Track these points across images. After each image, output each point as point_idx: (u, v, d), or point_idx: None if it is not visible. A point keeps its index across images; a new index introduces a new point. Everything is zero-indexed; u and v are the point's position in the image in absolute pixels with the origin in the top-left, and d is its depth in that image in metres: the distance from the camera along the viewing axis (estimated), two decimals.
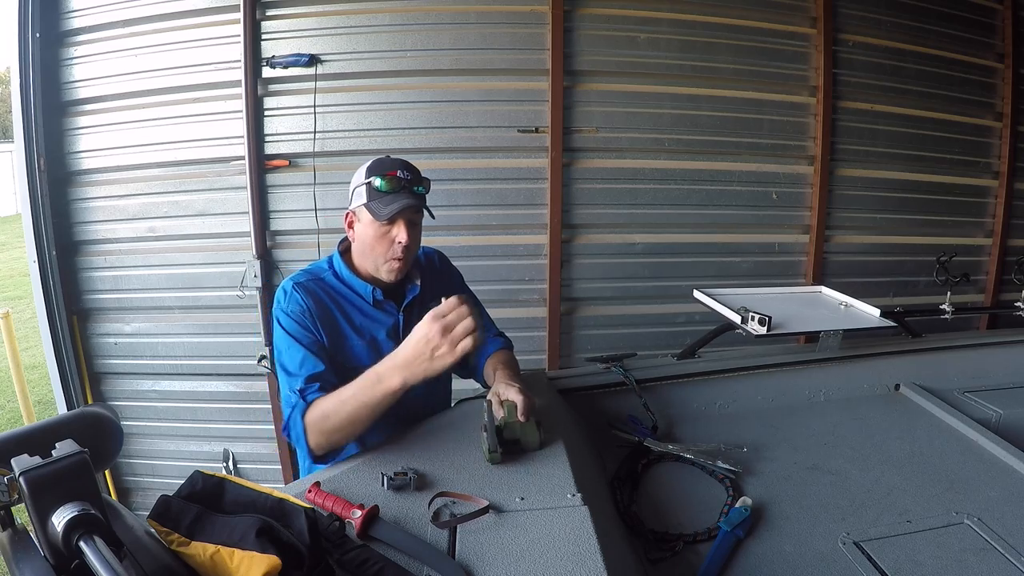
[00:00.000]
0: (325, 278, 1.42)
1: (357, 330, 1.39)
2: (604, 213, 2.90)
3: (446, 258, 1.64)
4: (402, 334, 1.37)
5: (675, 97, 2.88)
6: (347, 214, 1.41)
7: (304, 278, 1.40)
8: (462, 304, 1.10)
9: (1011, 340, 1.99)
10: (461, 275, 1.66)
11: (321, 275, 1.42)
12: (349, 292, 1.41)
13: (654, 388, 1.69)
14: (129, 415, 2.91)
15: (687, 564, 1.09)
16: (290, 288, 1.37)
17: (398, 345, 1.25)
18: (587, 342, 2.99)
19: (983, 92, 3.18)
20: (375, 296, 1.41)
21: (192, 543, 0.81)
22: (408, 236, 1.34)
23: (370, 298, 1.41)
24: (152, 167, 2.80)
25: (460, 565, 0.87)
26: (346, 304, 1.40)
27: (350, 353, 1.38)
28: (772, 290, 2.12)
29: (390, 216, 1.30)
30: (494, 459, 1.13)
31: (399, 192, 1.32)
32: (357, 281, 1.41)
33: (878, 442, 1.51)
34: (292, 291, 1.36)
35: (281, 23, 2.72)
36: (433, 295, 1.41)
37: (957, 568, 1.06)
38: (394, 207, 1.30)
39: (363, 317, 1.41)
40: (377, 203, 1.32)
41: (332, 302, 1.39)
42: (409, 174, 1.34)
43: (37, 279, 2.72)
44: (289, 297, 1.36)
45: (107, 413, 0.96)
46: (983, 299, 3.31)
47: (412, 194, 1.33)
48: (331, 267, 1.44)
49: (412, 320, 1.36)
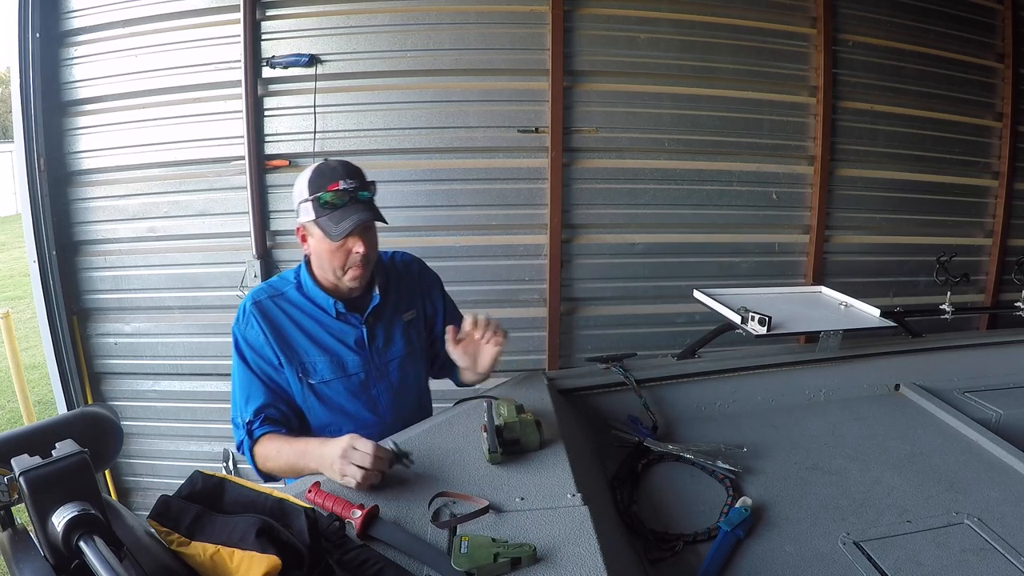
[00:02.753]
0: (288, 293, 1.40)
1: (319, 345, 1.38)
2: (604, 213, 2.90)
3: (424, 264, 1.60)
4: (367, 344, 1.40)
5: (675, 97, 2.88)
6: (298, 228, 1.37)
7: (264, 295, 1.38)
8: (378, 454, 1.06)
9: (1011, 340, 1.99)
10: (439, 280, 1.61)
11: (284, 290, 1.40)
12: (312, 306, 1.39)
13: (654, 388, 1.69)
14: (129, 415, 2.91)
15: (687, 564, 1.10)
16: (248, 308, 1.36)
17: (362, 357, 1.39)
18: (587, 342, 2.99)
19: (983, 92, 3.18)
20: (337, 309, 1.39)
21: (192, 543, 0.81)
22: (365, 245, 1.31)
23: (332, 311, 1.39)
24: (152, 167, 2.80)
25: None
26: (308, 320, 1.38)
27: (312, 369, 1.37)
28: (772, 290, 2.12)
29: (343, 236, 1.27)
30: (494, 459, 1.13)
31: (347, 205, 1.28)
32: (320, 295, 1.39)
33: (878, 442, 1.51)
34: (250, 312, 1.35)
35: (281, 23, 2.71)
36: (397, 303, 1.47)
37: (957, 568, 1.06)
38: (345, 225, 1.27)
39: (326, 332, 1.39)
40: (326, 220, 1.28)
41: (292, 321, 1.37)
42: (353, 181, 1.29)
43: (37, 279, 2.72)
44: (247, 318, 1.35)
45: (107, 413, 0.96)
46: (983, 299, 3.31)
47: (360, 204, 1.30)
48: (297, 279, 1.41)
49: (374, 330, 1.42)
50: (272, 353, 1.34)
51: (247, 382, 1.35)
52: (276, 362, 1.35)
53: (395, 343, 1.46)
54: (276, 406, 1.34)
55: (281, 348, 1.35)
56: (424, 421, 1.36)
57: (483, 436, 1.17)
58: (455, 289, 2.82)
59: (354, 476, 1.05)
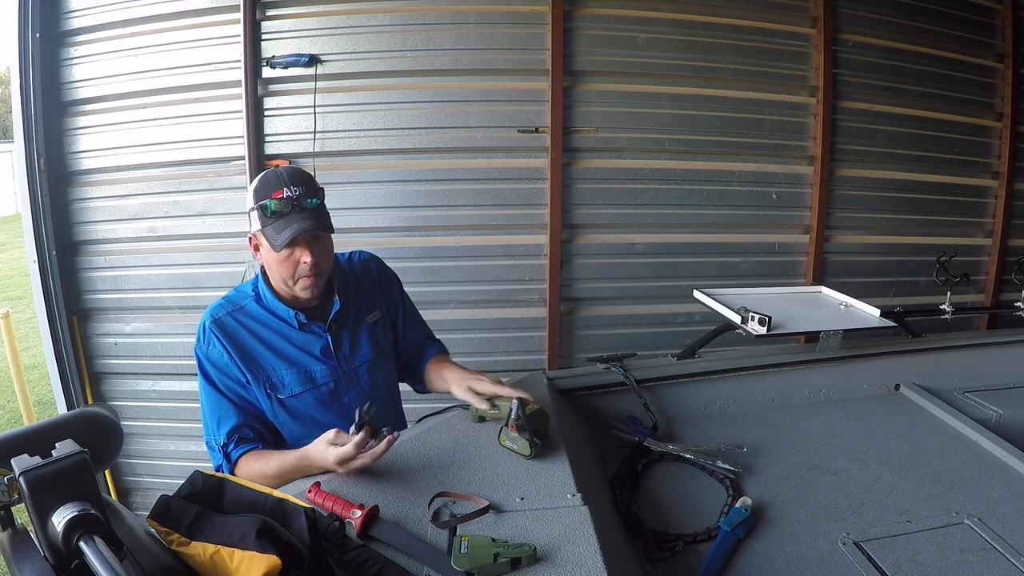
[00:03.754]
0: (247, 307, 1.35)
1: (284, 358, 1.34)
2: (604, 213, 2.90)
3: (382, 263, 1.56)
4: (333, 352, 1.38)
5: (675, 97, 2.88)
6: (250, 238, 1.32)
7: (223, 312, 1.33)
8: (361, 445, 1.07)
9: (1011, 340, 1.99)
10: (398, 279, 1.57)
11: (243, 303, 1.35)
12: (273, 319, 1.35)
13: (654, 388, 1.69)
14: (129, 415, 2.91)
15: (687, 564, 1.10)
16: (208, 327, 1.31)
17: (330, 365, 1.36)
18: (587, 342, 2.99)
19: (983, 92, 3.18)
20: (299, 320, 1.35)
21: (192, 543, 0.81)
22: (312, 255, 1.26)
23: (294, 322, 1.35)
24: (152, 167, 2.80)
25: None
26: (270, 333, 1.34)
27: (279, 384, 1.33)
28: (772, 290, 2.12)
29: (284, 244, 1.23)
30: (536, 452, 1.14)
31: (291, 213, 1.23)
32: (280, 306, 1.34)
33: (878, 442, 1.51)
34: (210, 331, 1.31)
35: (281, 23, 2.71)
36: (359, 306, 1.44)
37: (957, 568, 1.06)
38: (286, 235, 1.22)
39: (290, 344, 1.35)
40: (271, 229, 1.24)
41: (254, 335, 1.33)
42: (298, 188, 1.24)
43: (37, 279, 2.72)
44: (208, 338, 1.31)
45: (107, 413, 0.96)
46: (983, 299, 3.31)
47: (305, 212, 1.24)
48: (255, 292, 1.36)
49: (339, 337, 1.39)
50: (238, 371, 1.30)
51: (216, 404, 1.30)
52: (243, 380, 1.31)
53: (362, 347, 1.42)
54: (250, 425, 1.31)
55: (246, 365, 1.30)
56: (424, 422, 1.36)
57: (510, 434, 1.17)
58: (455, 289, 2.82)
59: (360, 462, 1.07)
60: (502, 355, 2.89)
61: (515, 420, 1.17)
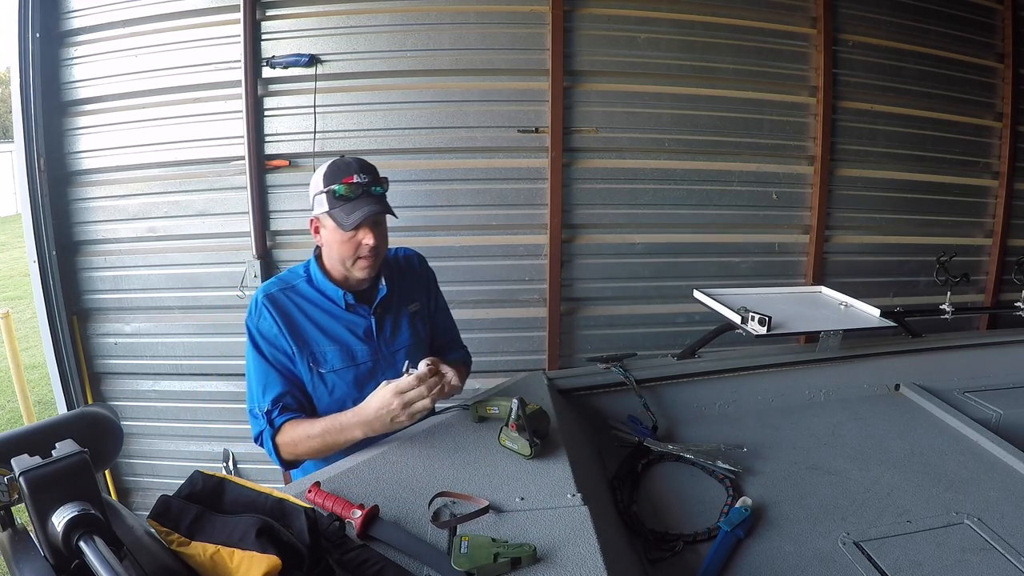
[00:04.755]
0: (298, 286, 1.44)
1: (330, 337, 1.42)
2: (604, 213, 2.90)
3: (425, 260, 1.66)
4: (375, 335, 1.45)
5: (675, 97, 2.88)
6: (311, 220, 1.43)
7: (275, 288, 1.42)
8: (425, 379, 1.19)
9: (1011, 340, 1.99)
10: (436, 279, 1.67)
11: (294, 283, 1.44)
12: (322, 298, 1.44)
13: (654, 388, 1.69)
14: (129, 415, 2.91)
15: (687, 564, 1.10)
16: (260, 300, 1.40)
17: (371, 347, 1.44)
18: (587, 342, 2.99)
19: (983, 92, 3.18)
20: (347, 300, 1.43)
21: (192, 543, 0.81)
22: (375, 237, 1.37)
23: (342, 302, 1.43)
24: (152, 167, 2.80)
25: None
26: (318, 311, 1.42)
27: (323, 359, 1.41)
28: (772, 290, 2.12)
29: (354, 226, 1.33)
30: (536, 452, 1.15)
31: (360, 198, 1.34)
32: (330, 286, 1.43)
33: (878, 442, 1.51)
34: (262, 304, 1.39)
35: (281, 23, 2.71)
36: (401, 295, 1.52)
37: (957, 568, 1.06)
38: (356, 216, 1.33)
39: (336, 322, 1.43)
40: (339, 211, 1.34)
41: (302, 312, 1.41)
42: (367, 176, 1.36)
43: (37, 279, 2.72)
44: (259, 311, 1.39)
45: (107, 413, 0.96)
46: (983, 299, 3.31)
47: (372, 197, 1.36)
48: (307, 273, 1.46)
49: (382, 320, 1.47)
50: (285, 343, 1.38)
51: (263, 372, 1.38)
52: (289, 352, 1.39)
53: (402, 333, 1.51)
54: (292, 394, 1.38)
55: (293, 338, 1.38)
56: (424, 422, 1.36)
57: (510, 434, 1.18)
58: (455, 289, 2.83)
59: (424, 407, 1.18)
60: (502, 355, 2.89)
61: (515, 420, 1.17)
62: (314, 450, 1.31)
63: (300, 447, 1.31)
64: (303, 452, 1.33)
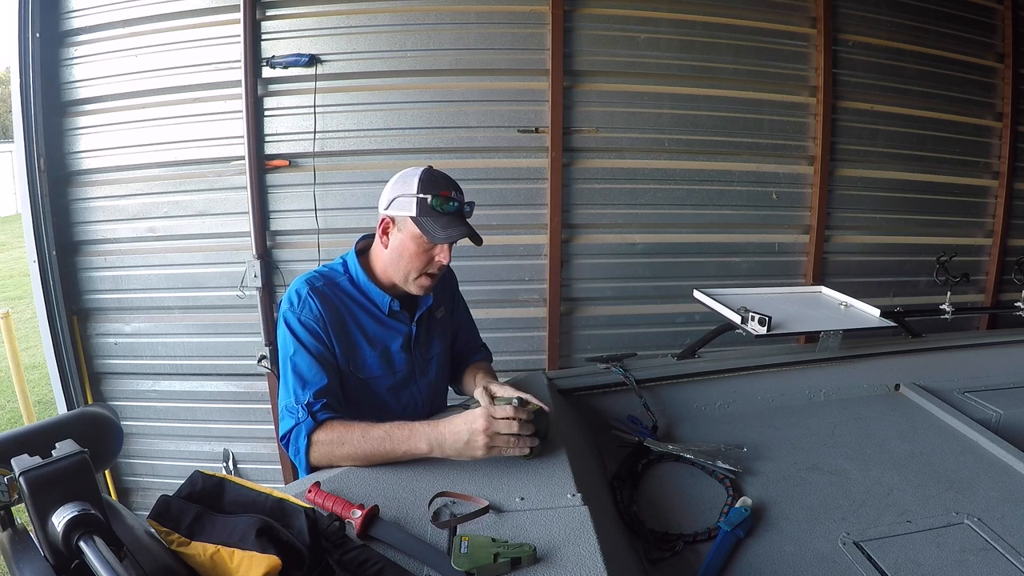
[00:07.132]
0: (340, 283, 1.38)
1: (370, 340, 1.37)
2: (604, 213, 2.90)
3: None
4: (414, 345, 1.42)
5: (675, 97, 2.88)
6: (383, 219, 1.35)
7: (320, 282, 1.35)
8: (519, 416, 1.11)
9: (1011, 340, 1.99)
10: (457, 281, 1.67)
11: (336, 279, 1.38)
12: (364, 299, 1.38)
13: (654, 388, 1.69)
14: (129, 415, 2.91)
15: (687, 564, 1.09)
16: (305, 293, 1.32)
17: (408, 356, 1.40)
18: (587, 342, 2.99)
19: (983, 92, 3.18)
20: (392, 307, 1.39)
21: (192, 543, 0.81)
22: (448, 258, 1.35)
23: (386, 308, 1.39)
24: (152, 167, 2.80)
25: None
26: (360, 312, 1.37)
27: (362, 364, 1.36)
28: (772, 290, 2.12)
29: (445, 241, 1.31)
30: (536, 452, 1.14)
31: (453, 215, 1.31)
32: (375, 289, 1.38)
33: (878, 442, 1.51)
34: (307, 296, 1.32)
35: (281, 23, 2.71)
36: (437, 303, 1.50)
37: (957, 568, 1.06)
38: (451, 232, 1.30)
39: (377, 326, 1.38)
40: (431, 222, 1.30)
41: (346, 310, 1.36)
42: (461, 195, 1.34)
43: (37, 279, 2.72)
44: (304, 302, 1.32)
45: (107, 413, 0.96)
46: (983, 299, 3.31)
47: (463, 217, 1.34)
48: (346, 271, 1.40)
49: (422, 331, 1.44)
50: (329, 339, 1.32)
51: (305, 365, 1.28)
52: (333, 349, 1.32)
53: (434, 341, 1.49)
54: (334, 391, 1.28)
55: (337, 336, 1.32)
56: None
57: None
58: None
59: (506, 445, 1.10)
60: (502, 355, 2.89)
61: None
62: (362, 454, 1.14)
63: (345, 448, 1.15)
64: (345, 454, 1.15)
